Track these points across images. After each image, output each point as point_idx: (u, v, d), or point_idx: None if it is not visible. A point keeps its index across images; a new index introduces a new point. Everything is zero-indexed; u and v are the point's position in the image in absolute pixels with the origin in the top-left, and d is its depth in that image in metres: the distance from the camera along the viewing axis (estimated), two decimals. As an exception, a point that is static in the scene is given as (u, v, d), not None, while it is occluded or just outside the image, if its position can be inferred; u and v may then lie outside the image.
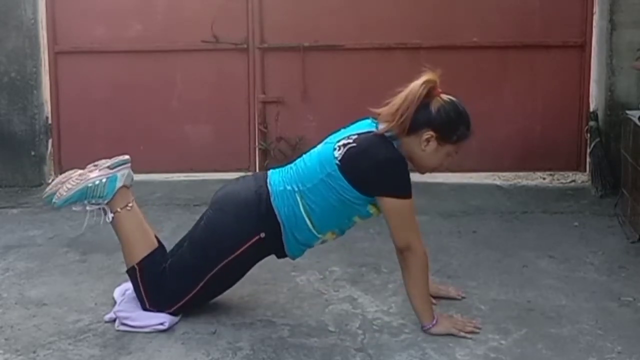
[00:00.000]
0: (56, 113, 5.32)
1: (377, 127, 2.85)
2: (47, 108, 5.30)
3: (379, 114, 2.87)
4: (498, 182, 5.16)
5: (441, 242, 3.87)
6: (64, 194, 2.88)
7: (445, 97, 2.86)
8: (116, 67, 5.32)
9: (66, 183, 2.91)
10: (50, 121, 5.31)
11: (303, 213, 2.83)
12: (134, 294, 2.97)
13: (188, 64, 5.32)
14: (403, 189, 2.75)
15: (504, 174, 5.20)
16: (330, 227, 2.89)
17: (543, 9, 5.16)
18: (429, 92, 2.83)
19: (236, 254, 2.84)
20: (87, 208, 2.93)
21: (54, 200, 2.90)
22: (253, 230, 2.84)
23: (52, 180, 3.06)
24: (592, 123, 5.04)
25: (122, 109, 5.33)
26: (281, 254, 2.95)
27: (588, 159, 5.10)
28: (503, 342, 2.76)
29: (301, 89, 5.27)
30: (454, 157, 2.90)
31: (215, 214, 2.91)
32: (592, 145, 4.99)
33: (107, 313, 2.98)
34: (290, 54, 5.25)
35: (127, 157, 3.01)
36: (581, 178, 5.18)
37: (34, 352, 2.70)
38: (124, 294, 3.07)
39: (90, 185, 2.89)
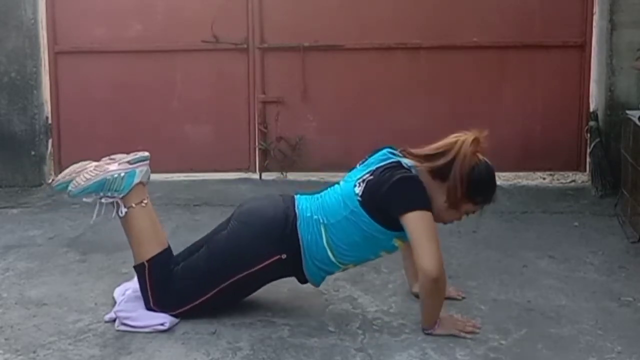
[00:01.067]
0: (56, 113, 5.33)
1: (395, 157, 2.85)
2: (47, 108, 5.30)
3: (409, 153, 2.87)
4: (498, 182, 5.13)
5: (441, 242, 3.84)
6: (82, 183, 2.85)
7: (482, 156, 2.84)
8: (116, 67, 5.32)
9: (83, 173, 2.88)
10: (50, 121, 5.31)
11: (325, 245, 2.84)
12: (135, 294, 2.97)
13: (188, 64, 5.32)
14: (421, 202, 2.73)
15: (504, 174, 5.20)
16: (352, 261, 2.91)
17: (543, 9, 5.16)
18: (475, 157, 2.82)
19: (253, 269, 2.85)
20: (102, 200, 2.91)
21: (70, 188, 2.87)
22: (275, 250, 2.84)
23: (53, 179, 3.04)
24: (592, 123, 5.04)
25: (122, 109, 5.33)
26: (302, 279, 2.95)
27: (588, 159, 5.10)
28: (503, 342, 2.76)
29: (301, 89, 5.27)
30: (470, 215, 2.91)
31: (240, 227, 2.90)
32: (592, 145, 4.99)
33: (107, 313, 2.98)
34: (290, 54, 5.25)
35: (147, 153, 3.01)
36: (581, 178, 5.18)
37: (34, 352, 2.70)
38: (124, 293, 3.07)
39: (109, 177, 2.88)
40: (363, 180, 2.83)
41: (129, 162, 2.94)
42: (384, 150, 2.92)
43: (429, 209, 2.74)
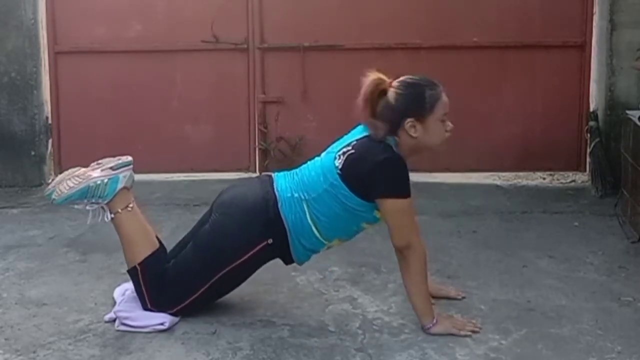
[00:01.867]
0: (56, 113, 5.33)
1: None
2: (47, 108, 5.30)
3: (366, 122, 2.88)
4: (498, 182, 5.16)
5: (441, 242, 3.87)
6: (65, 191, 2.88)
7: (395, 82, 2.85)
8: (116, 67, 5.32)
9: (68, 181, 2.90)
10: (50, 121, 5.31)
11: (310, 221, 2.84)
12: (135, 294, 2.97)
13: (188, 64, 5.32)
14: (402, 189, 2.76)
15: (504, 174, 5.20)
16: (337, 235, 2.91)
17: (543, 9, 5.16)
18: (382, 90, 2.83)
19: (243, 259, 2.85)
20: (88, 207, 2.94)
21: (53, 196, 2.90)
22: (260, 237, 2.84)
23: (52, 180, 3.05)
24: (592, 123, 5.04)
25: (122, 109, 5.33)
26: (288, 260, 2.95)
27: (588, 159, 5.09)
28: (503, 342, 2.76)
29: (301, 89, 5.27)
30: (448, 119, 2.87)
31: (222, 219, 2.90)
32: (592, 145, 4.99)
33: (107, 313, 2.98)
34: (290, 54, 5.25)
35: (130, 158, 3.02)
36: (581, 178, 5.18)
37: (34, 352, 2.70)
38: (123, 293, 3.07)
39: (91, 184, 2.89)
40: (343, 153, 2.82)
41: (111, 168, 2.95)
42: (361, 126, 2.92)
43: (408, 195, 2.76)
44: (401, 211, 2.76)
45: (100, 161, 3.00)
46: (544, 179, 5.23)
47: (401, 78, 2.87)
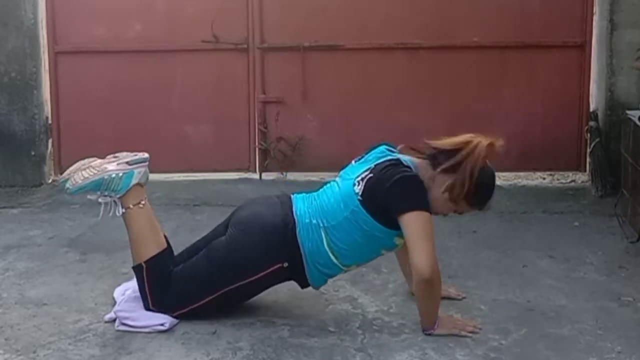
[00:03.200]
0: (56, 113, 5.33)
1: (392, 154, 2.86)
2: (47, 108, 5.30)
3: (414, 147, 2.89)
4: (498, 182, 5.12)
5: (441, 242, 3.83)
6: (80, 181, 2.87)
7: (488, 162, 2.86)
8: (116, 67, 5.32)
9: (83, 171, 2.89)
10: (50, 121, 5.31)
11: (327, 249, 2.83)
12: (135, 294, 2.97)
13: (188, 64, 5.32)
14: (421, 202, 2.74)
15: (504, 174, 5.19)
16: (355, 261, 2.91)
17: (543, 9, 5.16)
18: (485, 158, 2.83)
19: (254, 278, 2.85)
20: (100, 200, 2.93)
21: (67, 185, 2.89)
22: (276, 259, 2.84)
23: (62, 171, 3.03)
24: (592, 123, 5.04)
25: (122, 109, 5.33)
26: (304, 284, 2.94)
27: (588, 159, 5.09)
28: (503, 342, 2.76)
29: (301, 89, 5.27)
30: (458, 214, 2.93)
31: (239, 235, 2.88)
32: (592, 145, 4.99)
33: (107, 313, 2.98)
34: (290, 54, 5.25)
35: (146, 155, 3.01)
36: (581, 178, 5.18)
37: (34, 352, 2.70)
38: (124, 293, 3.07)
39: (106, 177, 2.88)
40: (362, 179, 2.82)
41: (127, 163, 2.94)
42: (382, 147, 2.92)
43: (427, 210, 2.74)
44: (422, 223, 2.72)
45: (117, 154, 2.99)
46: (544, 179, 5.23)
47: (493, 167, 2.89)
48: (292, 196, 2.99)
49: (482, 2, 5.19)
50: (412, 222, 2.71)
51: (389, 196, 2.73)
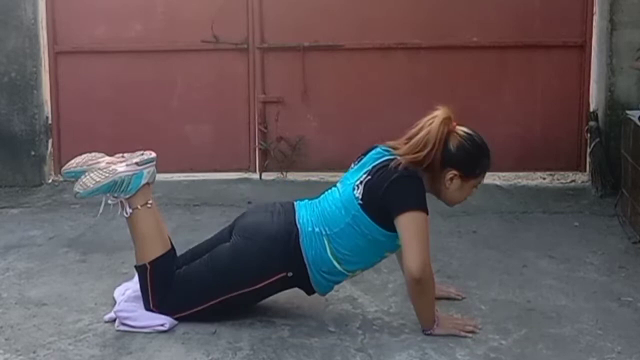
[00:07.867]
0: (56, 113, 5.33)
1: (389, 155, 2.84)
2: (47, 108, 5.30)
3: (395, 148, 2.84)
4: (498, 182, 5.15)
5: (441, 242, 3.86)
6: (91, 185, 2.84)
7: (461, 130, 2.84)
8: (116, 67, 5.32)
9: (92, 173, 2.86)
10: (50, 121, 5.31)
11: (330, 257, 2.82)
12: (135, 294, 2.97)
13: (188, 64, 5.32)
14: (417, 202, 2.72)
15: (504, 174, 5.20)
16: (359, 266, 2.90)
17: (543, 9, 5.17)
18: (448, 131, 2.81)
19: (258, 286, 2.85)
20: (109, 202, 2.91)
21: (77, 189, 2.85)
22: (280, 269, 2.83)
23: (68, 163, 2.97)
24: (592, 123, 5.04)
25: (122, 109, 5.33)
26: (309, 291, 2.94)
27: (588, 159, 5.10)
28: (503, 342, 2.76)
29: (301, 89, 5.27)
30: (478, 188, 2.91)
31: (244, 243, 2.87)
32: (592, 145, 4.99)
33: (107, 313, 2.98)
34: (290, 54, 5.25)
35: (154, 155, 2.99)
36: (581, 178, 5.18)
37: (34, 352, 2.70)
38: (123, 293, 3.07)
39: (117, 179, 2.86)
40: (361, 182, 2.81)
41: (137, 164, 2.92)
42: (378, 149, 2.91)
43: (423, 209, 2.73)
44: (416, 225, 2.71)
45: (124, 155, 2.97)
46: (544, 179, 5.24)
47: (468, 131, 2.84)
48: (294, 203, 2.98)
49: (481, 2, 5.19)
50: (407, 223, 2.71)
51: (386, 197, 2.73)
